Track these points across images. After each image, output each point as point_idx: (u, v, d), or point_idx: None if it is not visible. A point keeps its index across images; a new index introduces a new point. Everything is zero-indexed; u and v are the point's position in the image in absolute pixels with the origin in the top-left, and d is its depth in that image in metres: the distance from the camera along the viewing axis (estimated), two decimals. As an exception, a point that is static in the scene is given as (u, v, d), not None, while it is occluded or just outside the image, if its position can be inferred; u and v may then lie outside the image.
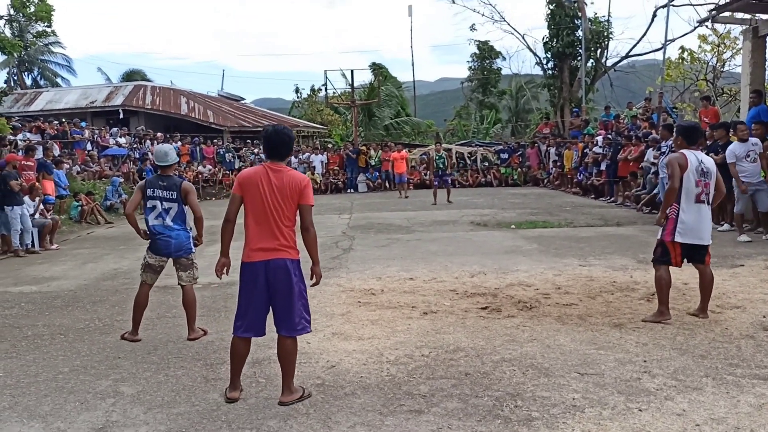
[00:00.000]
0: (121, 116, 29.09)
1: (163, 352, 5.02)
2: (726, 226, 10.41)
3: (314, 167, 24.04)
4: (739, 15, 11.79)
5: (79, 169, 18.38)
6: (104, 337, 5.55)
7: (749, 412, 3.55)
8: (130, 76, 41.59)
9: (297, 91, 46.30)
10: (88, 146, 21.05)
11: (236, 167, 25.02)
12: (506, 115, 40.40)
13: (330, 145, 28.25)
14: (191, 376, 4.45)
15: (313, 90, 42.87)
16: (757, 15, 11.45)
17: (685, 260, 5.45)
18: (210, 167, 24.20)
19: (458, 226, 12.34)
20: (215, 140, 26.77)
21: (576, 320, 5.47)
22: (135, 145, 22.99)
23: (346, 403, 3.85)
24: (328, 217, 14.79)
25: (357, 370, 4.43)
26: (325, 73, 28.24)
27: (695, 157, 5.34)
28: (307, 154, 25.07)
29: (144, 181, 5.58)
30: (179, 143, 24.33)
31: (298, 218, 4.10)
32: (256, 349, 4.94)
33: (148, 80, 38.81)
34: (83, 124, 22.99)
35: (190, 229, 5.54)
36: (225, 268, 4.16)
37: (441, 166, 17.24)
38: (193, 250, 5.55)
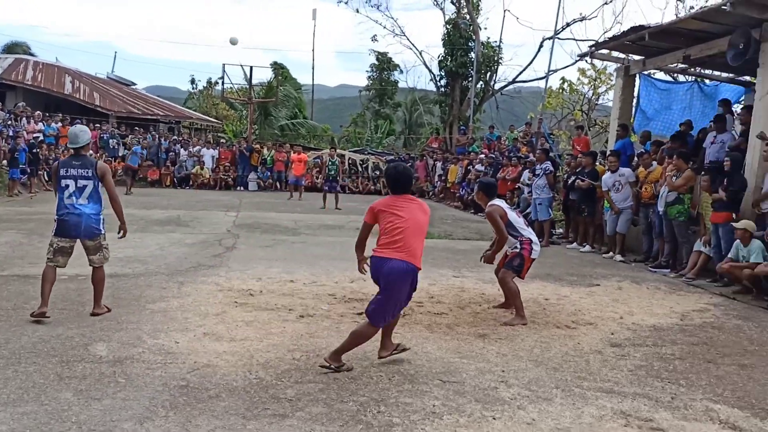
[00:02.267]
0: None
1: (15, 346, 4.69)
2: (587, 248, 11.23)
3: (204, 162, 23.35)
4: (615, 54, 12.78)
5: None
6: (-53, 328, 5.10)
7: (590, 422, 3.84)
8: (11, 48, 38.42)
9: (193, 82, 44.90)
10: (-46, 119, 19.20)
11: (120, 155, 23.80)
12: (400, 127, 41.24)
13: (223, 141, 27.53)
14: (43, 372, 4.18)
15: (209, 83, 41.73)
16: (629, 55, 12.47)
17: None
18: (91, 152, 22.80)
19: (344, 231, 12.44)
20: (99, 124, 25.29)
21: (444, 329, 5.69)
22: (9, 122, 21.20)
23: (209, 406, 3.78)
24: (214, 214, 14.42)
25: (225, 372, 4.36)
26: (223, 67, 27.57)
27: (502, 202, 6.49)
28: (198, 147, 24.30)
29: (57, 162, 5.72)
30: (59, 124, 22.76)
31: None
32: (120, 347, 4.75)
33: (32, 54, 36.06)
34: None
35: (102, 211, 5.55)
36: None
37: (332, 172, 17.37)
38: (102, 231, 5.57)
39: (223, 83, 29.36)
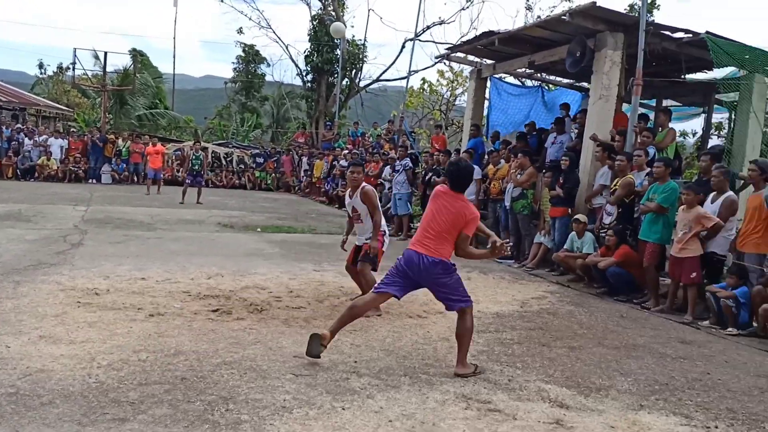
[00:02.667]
0: None
1: None
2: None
3: (51, 152, 21.57)
4: (471, 57, 13.45)
5: None
6: None
7: (434, 407, 4.04)
8: None
9: (41, 66, 41.33)
10: None
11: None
12: (267, 121, 40.59)
13: (73, 130, 25.57)
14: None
15: (60, 68, 38.60)
16: (483, 59, 13.18)
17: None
18: None
19: (204, 226, 12.08)
20: None
21: (301, 323, 5.72)
22: None
23: (41, 414, 3.53)
24: (60, 208, 13.40)
25: (61, 376, 4.09)
26: (74, 52, 25.58)
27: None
28: (44, 136, 22.38)
29: None
30: None
31: None
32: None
33: None
34: None
35: None
36: None
37: (196, 166, 16.78)
38: None
39: (74, 69, 27.35)
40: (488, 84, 13.64)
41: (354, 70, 30.15)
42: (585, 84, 13.36)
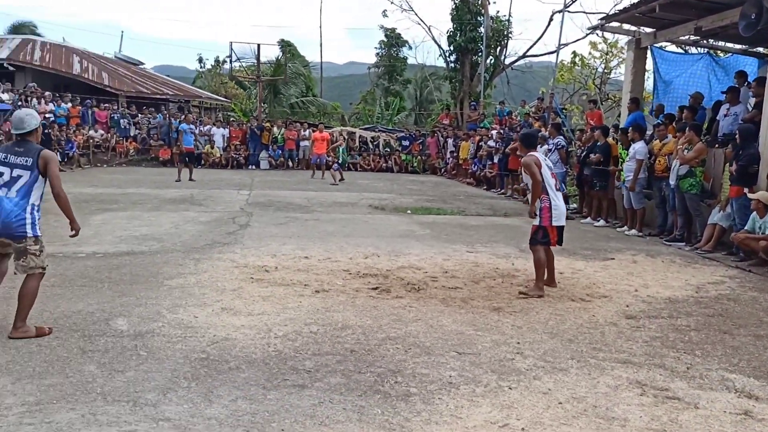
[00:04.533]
0: (7, 69, 26.82)
1: (37, 321, 4.76)
2: (601, 222, 11.20)
3: (214, 141, 23.37)
4: (626, 26, 12.61)
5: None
6: (-29, 304, 5.19)
7: (606, 392, 3.87)
8: (18, 28, 38.25)
9: (201, 61, 44.77)
10: (-35, 100, 19.33)
11: (131, 134, 23.88)
12: (410, 104, 40.96)
13: (233, 120, 27.52)
14: (66, 347, 4.27)
15: (217, 61, 41.59)
16: (640, 28, 12.29)
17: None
18: (102, 132, 22.93)
19: (357, 208, 12.47)
20: (109, 104, 25.33)
21: (459, 303, 5.73)
22: (20, 103, 21.28)
23: (230, 377, 3.85)
24: (227, 192, 14.49)
25: (243, 345, 4.42)
26: (231, 45, 27.53)
27: (541, 156, 6.39)
28: (208, 126, 24.31)
29: None
30: (69, 104, 22.83)
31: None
32: (140, 322, 4.83)
33: (38, 35, 35.97)
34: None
35: (37, 209, 4.58)
36: None
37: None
38: (28, 234, 4.46)
39: (231, 62, 29.29)
40: (648, 54, 12.70)
41: (498, 48, 29.45)
42: (760, 49, 12.05)
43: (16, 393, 3.53)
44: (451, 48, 29.57)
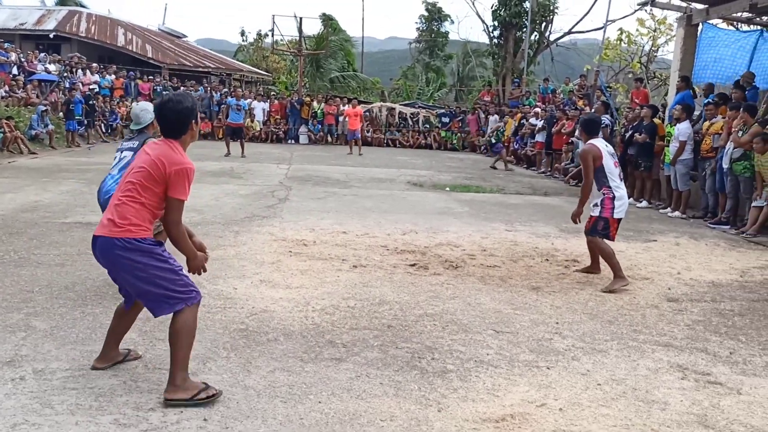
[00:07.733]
0: (53, 40, 27.44)
1: (81, 288, 4.91)
2: (644, 203, 10.94)
3: (254, 114, 23.52)
4: (676, 2, 12.14)
5: (3, 94, 17.31)
6: (19, 269, 5.37)
7: (646, 374, 3.80)
8: (64, 0, 39.13)
9: (243, 34, 44.95)
10: (14, 70, 19.83)
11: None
12: (451, 80, 40.45)
13: (273, 93, 27.62)
14: (109, 314, 4.33)
15: (259, 35, 41.69)
16: (692, 4, 11.81)
17: None
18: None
19: (395, 184, 12.44)
20: (152, 76, 25.71)
21: (497, 281, 5.68)
22: (66, 74, 21.76)
23: (268, 349, 3.90)
24: (266, 166, 14.61)
25: (281, 317, 4.47)
26: (273, 18, 27.62)
27: (603, 144, 5.79)
28: (249, 100, 24.45)
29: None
30: (113, 76, 23.25)
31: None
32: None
33: (84, 6, 36.63)
34: (7, 45, 21.47)
35: None
36: None
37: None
38: None
39: (273, 35, 29.32)
40: (699, 31, 12.21)
41: (544, 23, 28.79)
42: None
43: (60, 358, 3.64)
44: (495, 23, 28.99)
